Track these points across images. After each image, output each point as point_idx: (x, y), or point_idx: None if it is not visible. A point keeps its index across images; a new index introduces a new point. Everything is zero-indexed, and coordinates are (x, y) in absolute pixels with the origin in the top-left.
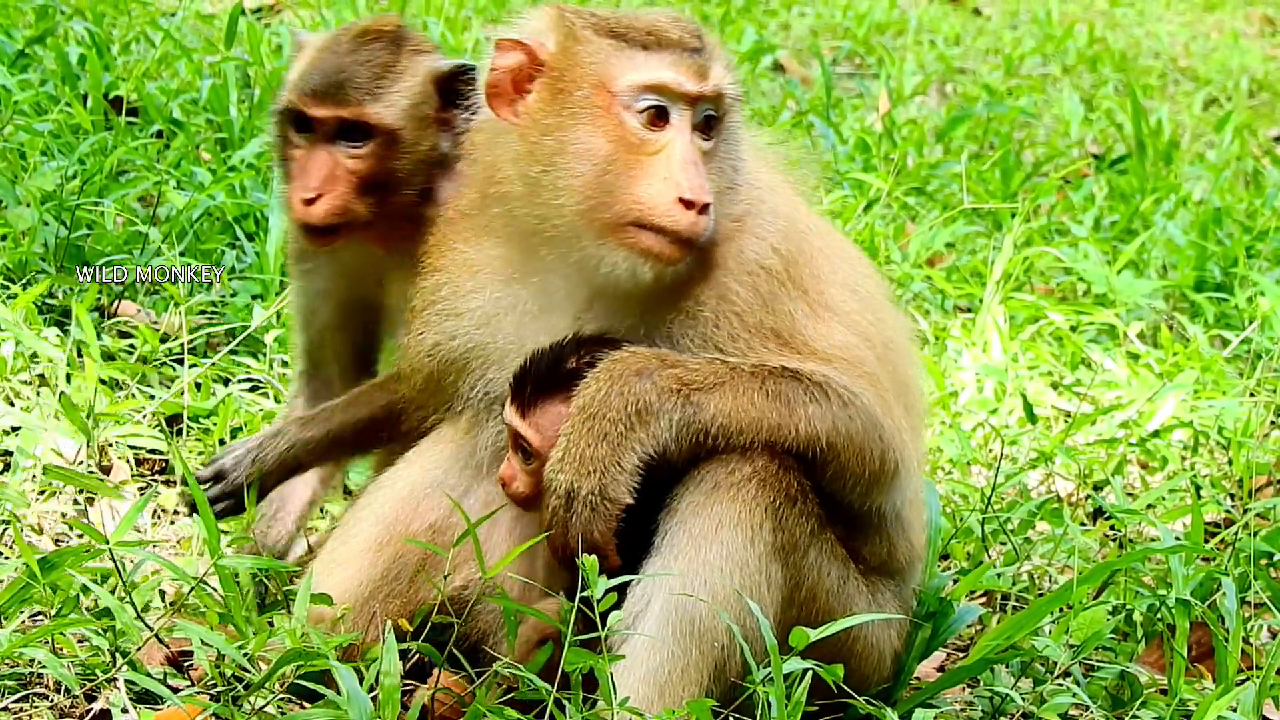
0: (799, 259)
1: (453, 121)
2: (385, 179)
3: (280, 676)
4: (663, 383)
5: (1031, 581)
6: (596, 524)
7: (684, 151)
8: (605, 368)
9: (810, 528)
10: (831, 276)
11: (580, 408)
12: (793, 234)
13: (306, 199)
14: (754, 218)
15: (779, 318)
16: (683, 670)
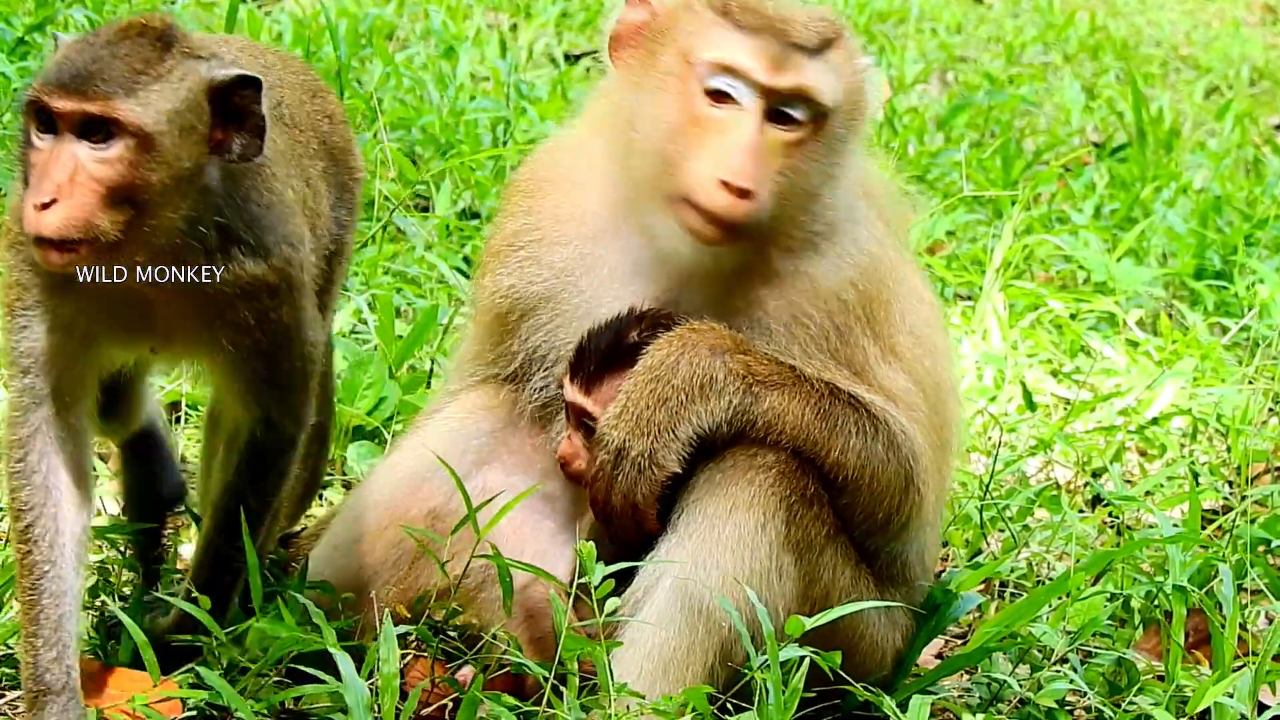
0: (875, 300)
1: (228, 144)
2: (136, 194)
3: (278, 662)
4: (732, 365)
5: (1030, 568)
6: (641, 486)
7: (741, 136)
8: (680, 334)
9: (825, 530)
10: (901, 323)
11: (647, 368)
12: (873, 273)
13: (41, 203)
14: (838, 245)
15: (852, 351)
16: (688, 649)
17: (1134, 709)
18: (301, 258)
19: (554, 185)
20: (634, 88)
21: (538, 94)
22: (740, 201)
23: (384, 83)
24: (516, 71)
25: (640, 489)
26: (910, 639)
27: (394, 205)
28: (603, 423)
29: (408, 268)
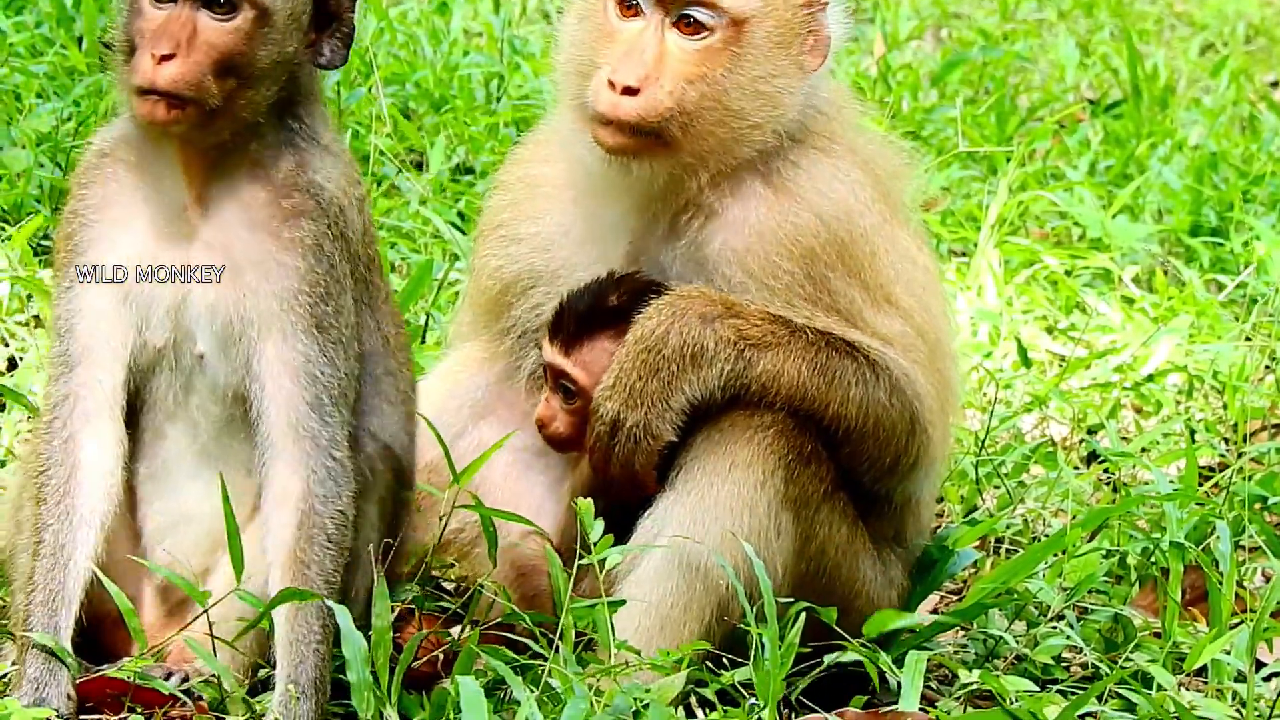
0: (852, 251)
1: (320, 47)
2: (245, 65)
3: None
4: (722, 331)
5: (1026, 525)
6: (638, 456)
7: (638, 39)
8: (669, 303)
9: (823, 488)
10: (894, 275)
11: (637, 339)
12: (847, 223)
13: (161, 54)
14: (792, 188)
15: (838, 299)
16: (685, 606)
17: (1130, 665)
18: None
19: (531, 155)
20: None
21: (531, 50)
22: (625, 99)
23: (378, 38)
24: (510, 27)
25: (638, 459)
26: (906, 596)
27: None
28: (596, 394)
29: (402, 223)
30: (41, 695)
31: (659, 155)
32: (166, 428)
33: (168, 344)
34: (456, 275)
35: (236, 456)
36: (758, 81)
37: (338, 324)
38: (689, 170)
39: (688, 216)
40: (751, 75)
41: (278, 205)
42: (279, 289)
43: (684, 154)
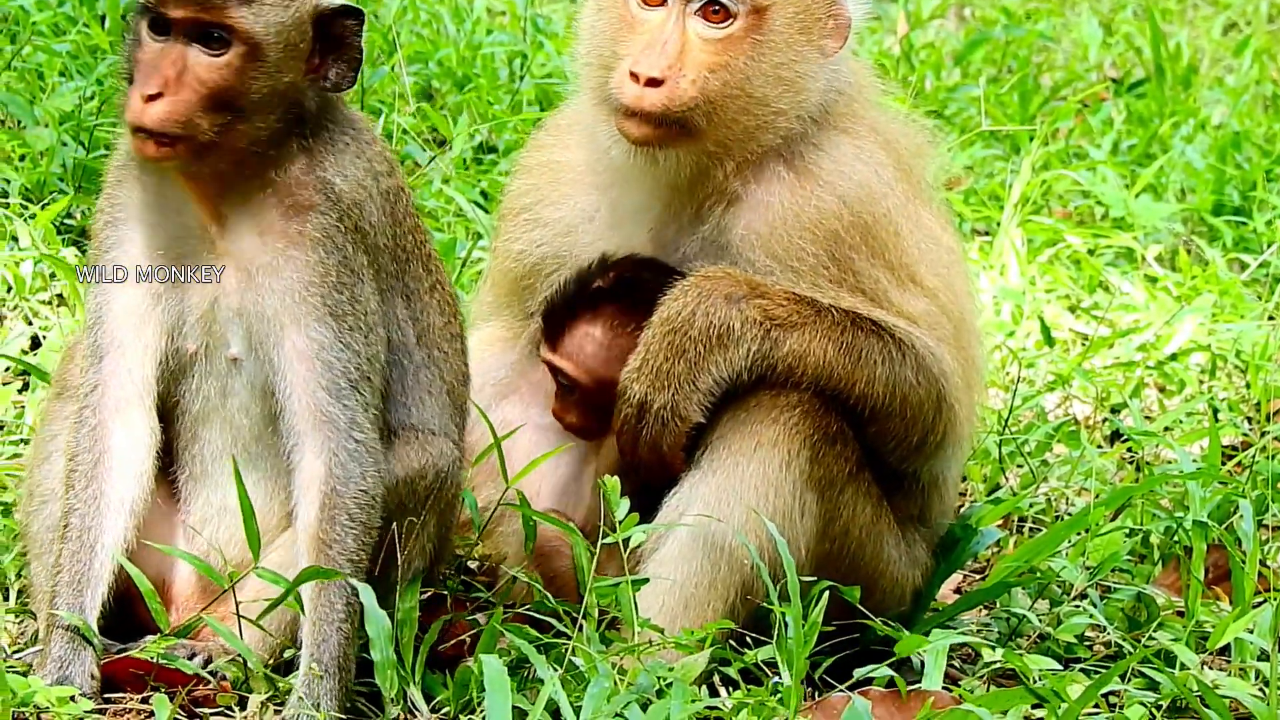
0: (875, 232)
1: (325, 72)
2: (237, 99)
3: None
4: (748, 311)
5: (1049, 504)
6: (665, 438)
7: (660, 29)
8: (694, 284)
9: (848, 468)
10: (918, 255)
11: (663, 320)
12: (869, 204)
13: (148, 95)
14: (815, 171)
15: (862, 280)
16: (710, 585)
17: (1153, 644)
18: (369, 213)
19: (553, 141)
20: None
21: (554, 28)
22: (649, 91)
23: (401, 16)
24: (533, 5)
25: (665, 440)
26: (929, 576)
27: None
28: (623, 377)
29: (425, 201)
30: (65, 674)
31: (684, 145)
32: (203, 430)
33: (200, 349)
34: (479, 254)
35: (278, 453)
36: (780, 68)
37: (354, 311)
38: (714, 159)
39: (711, 202)
40: (774, 62)
41: (284, 206)
42: (290, 283)
43: (709, 143)
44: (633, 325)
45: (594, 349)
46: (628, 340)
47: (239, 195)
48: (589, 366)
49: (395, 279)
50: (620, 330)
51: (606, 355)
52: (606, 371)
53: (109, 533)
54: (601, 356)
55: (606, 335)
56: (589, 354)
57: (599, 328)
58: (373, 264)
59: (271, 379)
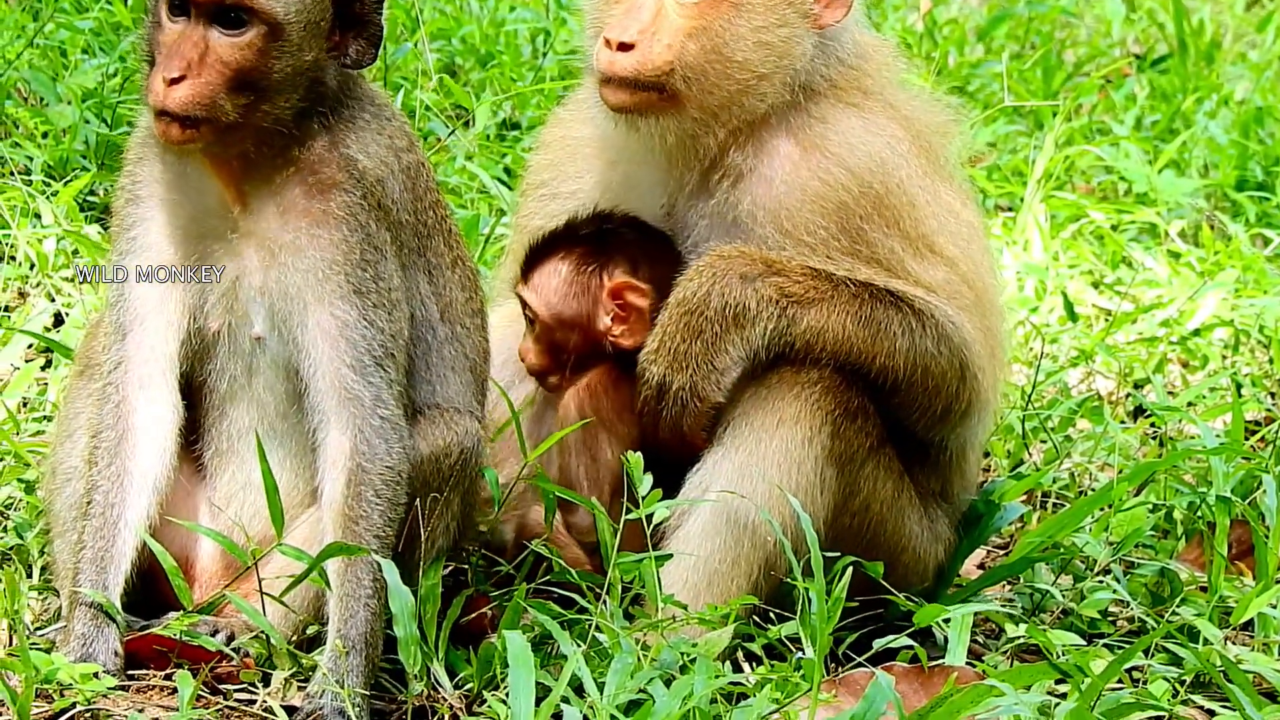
0: (888, 204)
1: (345, 48)
2: (259, 80)
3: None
4: (764, 290)
5: (1072, 479)
6: (686, 419)
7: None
8: (709, 263)
9: (869, 443)
10: (936, 227)
11: (679, 301)
12: (881, 176)
13: (171, 78)
14: (817, 142)
15: (877, 250)
16: (733, 561)
17: (1177, 619)
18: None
19: (571, 116)
20: None
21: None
22: (620, 55)
23: None
24: None
25: (686, 421)
26: (952, 552)
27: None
28: (642, 358)
29: (448, 178)
30: (89, 651)
31: (665, 112)
32: (229, 408)
33: (223, 328)
34: (503, 230)
35: (303, 431)
36: (760, 31)
37: (378, 288)
38: (701, 127)
39: (717, 177)
40: (753, 25)
41: (306, 184)
42: (313, 261)
43: (691, 109)
44: (597, 270)
45: (557, 284)
46: (589, 283)
47: (261, 174)
48: (549, 300)
49: (417, 255)
50: (583, 272)
51: (566, 292)
52: (563, 308)
53: (132, 509)
54: (562, 292)
55: (571, 273)
56: (551, 287)
57: (566, 265)
58: (395, 240)
59: (296, 357)
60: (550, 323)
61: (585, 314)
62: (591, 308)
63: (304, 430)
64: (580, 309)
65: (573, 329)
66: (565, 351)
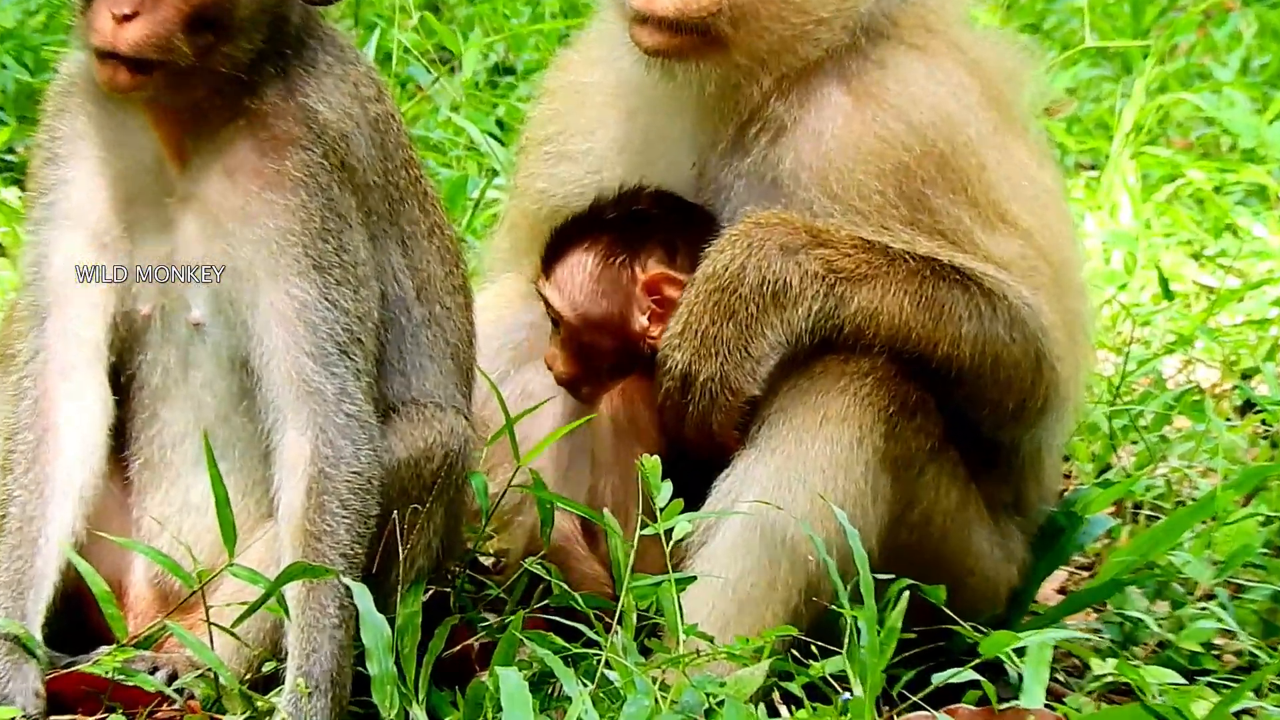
0: (954, 164)
1: None
2: (222, 17)
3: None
4: (808, 264)
5: (1168, 487)
6: (715, 415)
7: None
8: (744, 232)
9: (930, 444)
10: (1009, 192)
11: (707, 276)
12: (947, 132)
13: (121, 14)
14: (874, 93)
15: (941, 219)
16: (769, 585)
17: None
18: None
19: (580, 58)
20: None
21: None
22: None
23: None
24: None
25: (715, 418)
26: (1028, 572)
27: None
28: (663, 343)
29: (430, 132)
30: (4, 691)
31: (707, 56)
32: (161, 409)
33: (156, 312)
34: (495, 193)
35: (250, 437)
36: None
37: (342, 263)
38: (746, 75)
39: (755, 130)
40: None
41: (258, 139)
42: (266, 231)
43: (737, 54)
44: (628, 261)
45: (582, 279)
46: (619, 277)
47: (206, 128)
48: (574, 299)
49: (388, 222)
50: (612, 264)
51: (593, 289)
52: (591, 308)
53: (55, 524)
54: (588, 289)
55: (597, 266)
56: (575, 284)
57: (592, 257)
58: (362, 206)
59: (244, 346)
60: (577, 325)
61: (617, 313)
62: (624, 305)
63: (252, 438)
64: (611, 308)
65: (604, 331)
66: (597, 357)
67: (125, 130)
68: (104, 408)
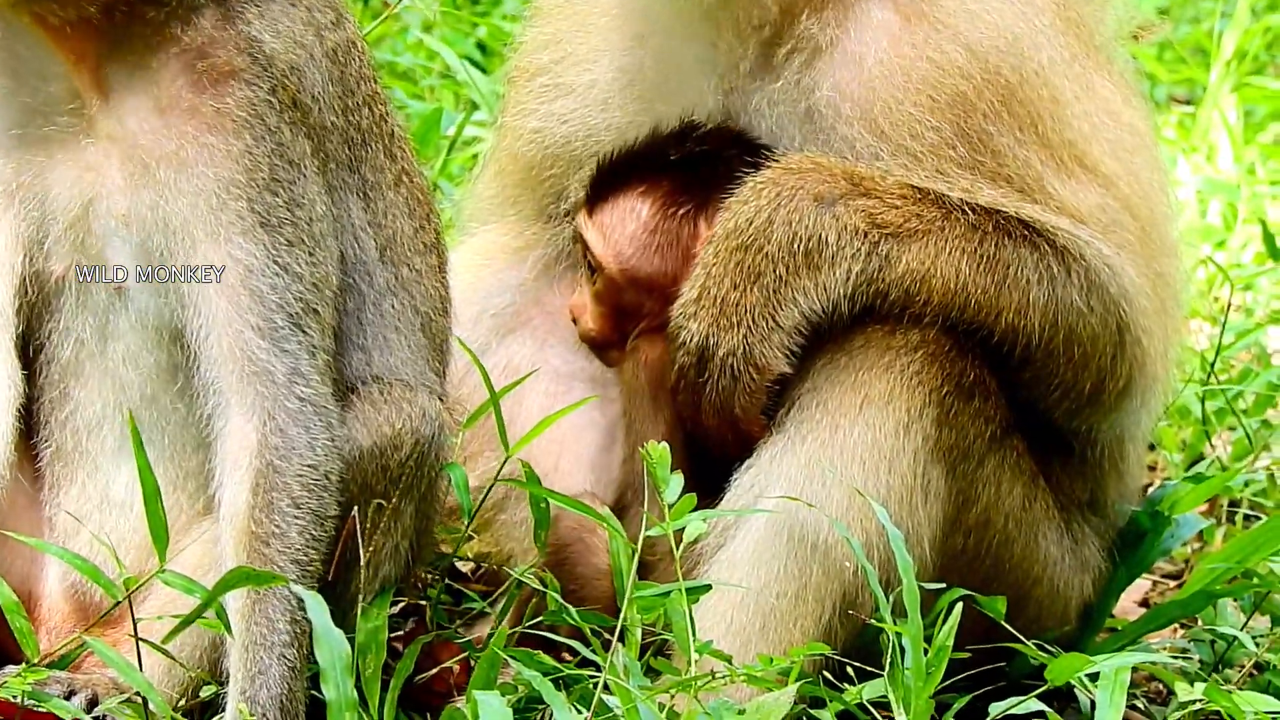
0: (1024, 96)
1: None
2: None
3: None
4: (848, 217)
5: (1271, 482)
6: (738, 396)
7: None
8: (772, 180)
9: (990, 431)
10: (1088, 130)
11: (728, 232)
12: (1016, 59)
13: None
14: (943, 5)
15: (1004, 163)
16: (797, 596)
17: None
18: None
19: None
20: None
21: None
22: None
23: None
24: None
25: (738, 400)
26: (1105, 582)
27: None
28: (676, 311)
29: (398, 57)
30: None
31: None
32: (74, 388)
33: (71, 272)
34: (475, 130)
35: (182, 421)
36: None
37: (295, 219)
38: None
39: (785, 50)
40: None
41: (194, 72)
42: (204, 181)
43: None
44: (692, 213)
45: (634, 228)
46: (679, 231)
47: (129, 54)
48: (620, 249)
49: (348, 171)
50: (673, 215)
51: (646, 241)
52: (640, 263)
53: None
54: (640, 241)
55: (654, 216)
56: (626, 233)
57: (648, 205)
58: (318, 152)
59: (176, 315)
60: (619, 280)
61: (670, 273)
62: (680, 266)
63: (184, 420)
64: (664, 266)
65: (650, 291)
66: (635, 318)
67: (30, 59)
68: (10, 385)
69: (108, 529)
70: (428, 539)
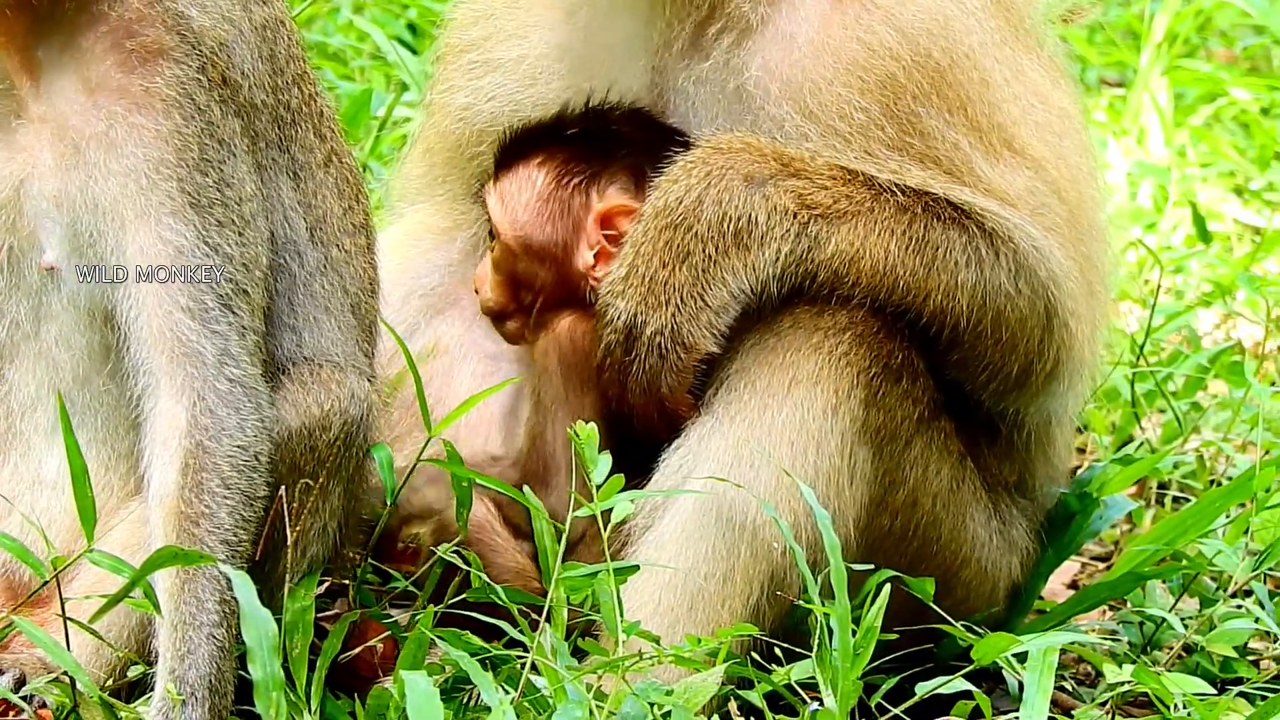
0: (952, 79)
1: None
2: None
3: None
4: (777, 198)
5: (1200, 464)
6: (665, 376)
7: None
8: (701, 158)
9: (918, 412)
10: (1017, 113)
11: (657, 211)
12: (945, 41)
13: None
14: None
15: (934, 145)
16: (725, 577)
17: None
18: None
19: None
20: None
21: None
22: None
23: None
24: None
25: (665, 379)
26: (1033, 564)
27: None
28: (603, 289)
29: (328, 38)
30: None
31: None
32: (7, 369)
33: (2, 254)
34: (405, 110)
35: (114, 403)
36: None
37: (224, 199)
38: None
39: (716, 29)
40: None
41: (122, 51)
42: (134, 161)
43: None
44: (584, 185)
45: (529, 196)
46: (570, 200)
47: (58, 35)
48: (515, 216)
49: (278, 150)
50: (565, 185)
51: (539, 209)
52: (533, 231)
53: None
54: (533, 208)
55: (549, 185)
56: (521, 200)
57: (544, 173)
58: (248, 130)
59: (108, 296)
60: (514, 247)
61: (561, 243)
62: (570, 235)
63: (115, 401)
64: (555, 235)
65: (543, 260)
66: (531, 288)
67: None
68: None
69: (39, 509)
70: (355, 519)
